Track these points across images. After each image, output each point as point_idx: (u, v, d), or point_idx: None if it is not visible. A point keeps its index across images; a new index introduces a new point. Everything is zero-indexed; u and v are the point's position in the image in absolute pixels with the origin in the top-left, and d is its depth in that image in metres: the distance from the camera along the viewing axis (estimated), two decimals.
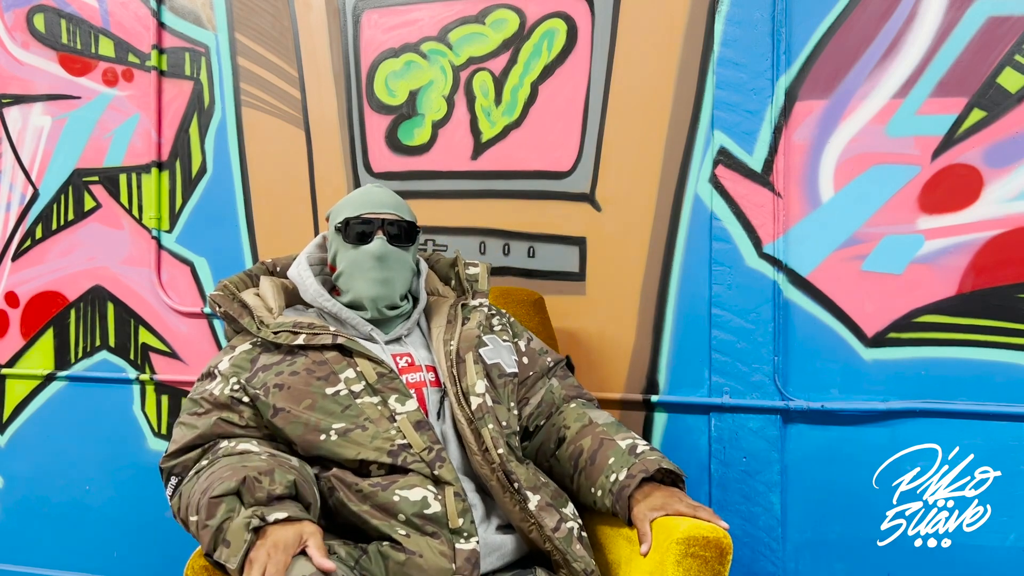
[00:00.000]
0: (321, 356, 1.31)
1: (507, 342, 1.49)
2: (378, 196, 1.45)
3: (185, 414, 1.33)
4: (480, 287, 1.52)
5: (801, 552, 1.76)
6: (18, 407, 2.30)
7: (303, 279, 1.44)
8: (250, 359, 1.34)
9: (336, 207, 1.47)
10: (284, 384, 1.29)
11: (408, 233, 1.44)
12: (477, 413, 1.31)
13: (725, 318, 1.78)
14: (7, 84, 2.28)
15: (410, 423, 1.27)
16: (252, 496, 1.11)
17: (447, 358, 1.37)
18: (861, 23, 1.71)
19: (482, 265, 1.55)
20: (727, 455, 1.78)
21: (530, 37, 1.90)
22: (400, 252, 1.42)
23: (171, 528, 2.16)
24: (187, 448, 1.29)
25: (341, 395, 1.28)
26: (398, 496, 1.21)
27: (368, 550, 1.21)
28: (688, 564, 1.19)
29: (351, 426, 1.26)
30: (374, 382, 1.29)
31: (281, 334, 1.33)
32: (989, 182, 1.65)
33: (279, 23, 2.06)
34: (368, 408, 1.27)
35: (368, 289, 1.39)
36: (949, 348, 1.68)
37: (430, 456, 1.24)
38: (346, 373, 1.30)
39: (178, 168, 2.15)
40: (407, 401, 1.29)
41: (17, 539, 2.31)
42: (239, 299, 1.40)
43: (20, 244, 2.28)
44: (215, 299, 1.40)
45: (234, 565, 1.06)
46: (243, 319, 1.38)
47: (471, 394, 1.33)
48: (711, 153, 1.79)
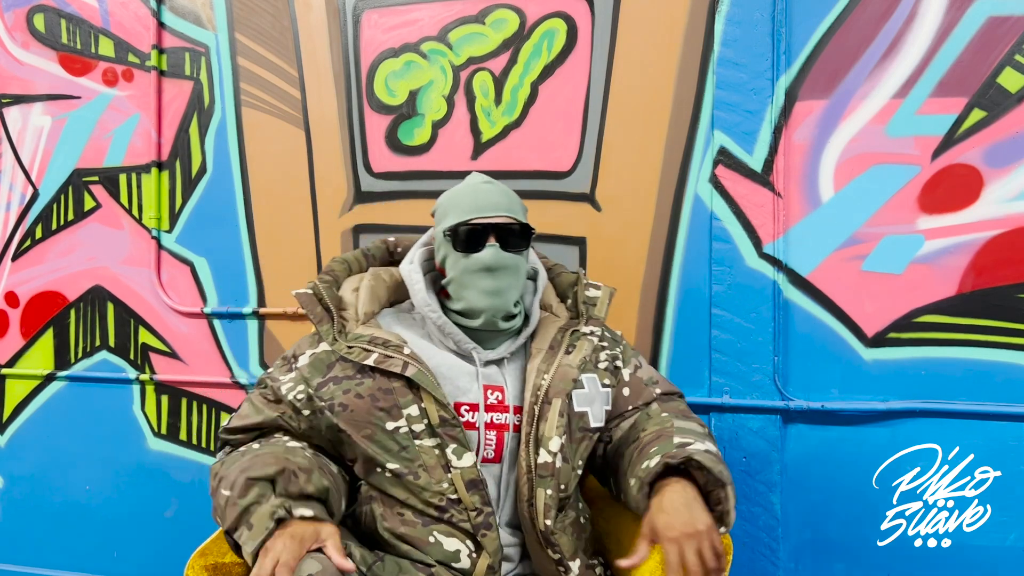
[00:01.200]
0: (388, 383, 1.25)
1: (607, 388, 1.37)
2: (488, 196, 1.35)
3: (258, 391, 1.34)
4: (596, 312, 1.43)
5: (801, 552, 1.76)
6: (18, 407, 2.30)
7: (413, 283, 1.37)
8: (327, 363, 1.31)
9: (442, 204, 1.38)
10: (348, 406, 1.26)
11: (522, 236, 1.34)
12: (540, 470, 1.24)
13: (725, 318, 1.78)
14: (7, 84, 2.28)
15: (463, 480, 1.22)
16: (285, 488, 1.13)
17: (534, 393, 1.28)
18: (861, 23, 1.71)
19: (605, 289, 1.46)
20: (727, 455, 1.78)
21: (530, 37, 1.90)
22: (514, 258, 1.32)
23: (171, 528, 2.17)
24: (247, 430, 1.31)
25: (400, 433, 1.24)
26: (434, 538, 1.22)
27: (384, 558, 1.22)
28: None
29: (405, 470, 1.23)
30: (436, 425, 1.24)
31: (354, 350, 1.28)
32: (989, 182, 1.65)
33: (279, 23, 2.06)
34: (425, 453, 1.23)
35: (480, 300, 1.31)
36: (949, 348, 1.68)
37: (478, 519, 1.22)
38: (409, 410, 1.24)
39: (178, 168, 2.15)
40: (464, 455, 1.23)
41: (17, 539, 2.30)
42: (324, 302, 1.35)
43: (20, 244, 2.28)
44: (300, 300, 1.36)
45: (250, 549, 1.07)
46: (322, 326, 1.33)
47: (543, 446, 1.25)
48: (711, 153, 1.79)
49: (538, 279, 1.45)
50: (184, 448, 2.15)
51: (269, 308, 2.07)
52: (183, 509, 2.16)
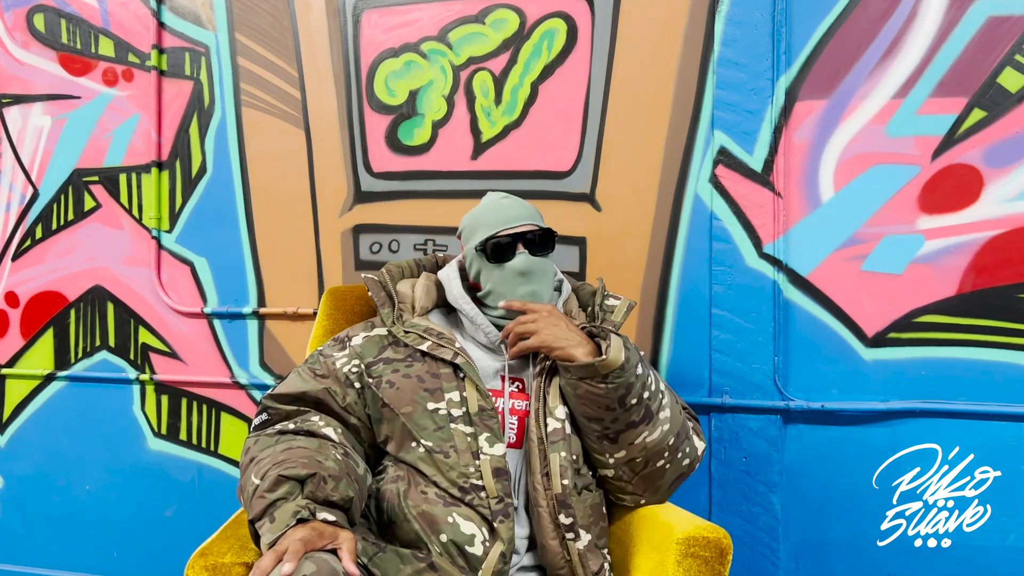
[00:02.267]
0: (436, 368, 1.36)
1: None
2: (510, 209, 1.46)
3: (306, 364, 1.42)
4: (613, 318, 1.49)
5: (801, 552, 1.76)
6: (18, 407, 2.30)
7: (449, 280, 1.50)
8: (380, 345, 1.42)
9: (468, 225, 1.49)
10: (396, 383, 1.36)
11: (546, 240, 1.46)
12: (552, 436, 1.32)
13: (725, 318, 1.78)
14: (7, 84, 2.28)
15: (491, 467, 1.29)
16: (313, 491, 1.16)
17: (541, 373, 1.38)
18: (861, 23, 1.71)
19: (624, 300, 1.52)
20: (727, 455, 1.78)
21: (530, 37, 1.90)
22: (543, 261, 1.45)
23: (171, 528, 2.17)
24: (290, 398, 1.37)
25: (439, 414, 1.33)
26: (452, 519, 1.26)
27: (386, 549, 1.23)
28: (688, 564, 1.19)
29: (437, 448, 1.31)
30: (474, 413, 1.32)
31: (410, 335, 1.41)
32: (989, 182, 1.65)
33: (279, 23, 2.06)
34: (458, 436, 1.31)
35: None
36: (949, 348, 1.68)
37: (498, 506, 1.27)
38: (451, 395, 1.34)
39: (178, 168, 2.15)
40: (495, 444, 1.31)
41: (17, 539, 2.31)
42: (388, 289, 1.49)
43: (20, 244, 2.28)
44: (367, 283, 1.50)
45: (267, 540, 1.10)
46: (384, 308, 1.46)
47: (550, 415, 1.34)
48: (711, 153, 1.79)
49: (563, 289, 1.55)
50: (184, 448, 2.15)
51: (269, 308, 2.07)
52: (183, 509, 2.16)
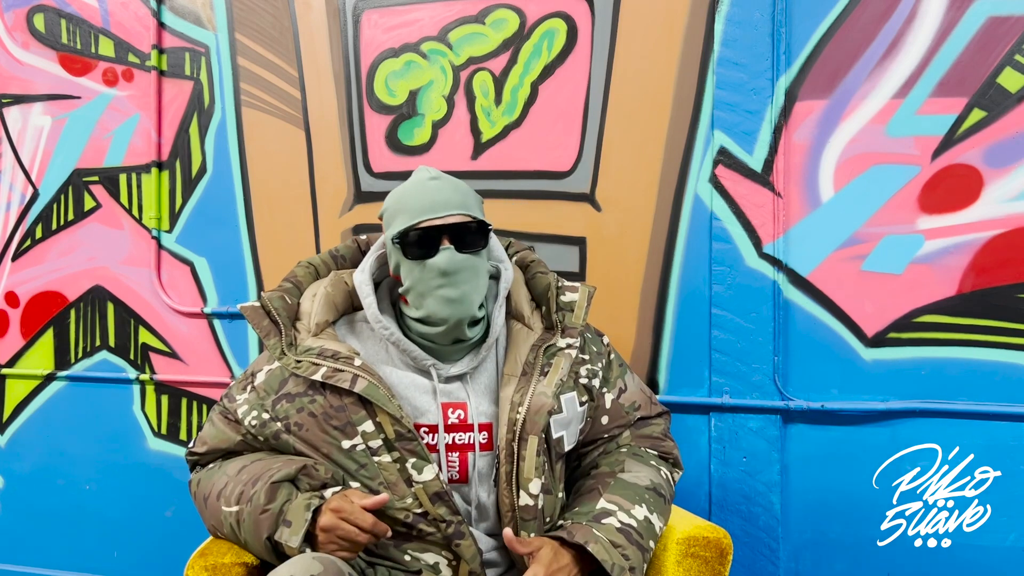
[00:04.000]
0: (340, 400, 1.20)
1: (584, 405, 1.31)
2: (438, 193, 1.23)
3: (218, 414, 1.32)
4: (573, 320, 1.30)
5: (801, 552, 1.76)
6: (18, 407, 2.30)
7: (364, 296, 1.28)
8: (280, 379, 1.26)
9: (389, 207, 1.27)
10: (303, 424, 1.22)
11: (478, 234, 1.24)
12: (523, 514, 1.20)
13: (725, 318, 1.78)
14: (7, 84, 2.28)
15: (427, 494, 1.17)
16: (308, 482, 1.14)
17: (510, 430, 1.20)
18: (861, 23, 1.71)
19: (583, 290, 1.33)
20: (727, 455, 1.78)
21: (530, 37, 1.90)
22: (471, 259, 1.22)
23: (171, 528, 2.17)
24: (213, 453, 1.33)
25: (357, 451, 1.20)
26: (409, 556, 1.20)
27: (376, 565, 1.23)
28: (688, 564, 1.19)
29: (369, 489, 1.20)
30: (393, 439, 1.18)
31: (303, 364, 1.21)
32: (989, 182, 1.65)
33: (279, 23, 2.06)
34: (386, 469, 1.19)
35: (442, 310, 1.21)
36: (949, 348, 1.68)
37: (449, 530, 1.18)
38: (364, 426, 1.19)
39: (178, 168, 2.15)
40: (424, 468, 1.18)
41: (17, 539, 2.30)
42: (273, 315, 1.26)
43: (20, 244, 2.28)
44: (246, 313, 1.27)
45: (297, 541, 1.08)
46: (269, 340, 1.25)
47: (523, 489, 1.20)
48: (711, 153, 1.79)
49: (501, 279, 1.32)
50: (184, 448, 2.15)
51: None
52: (183, 509, 2.16)
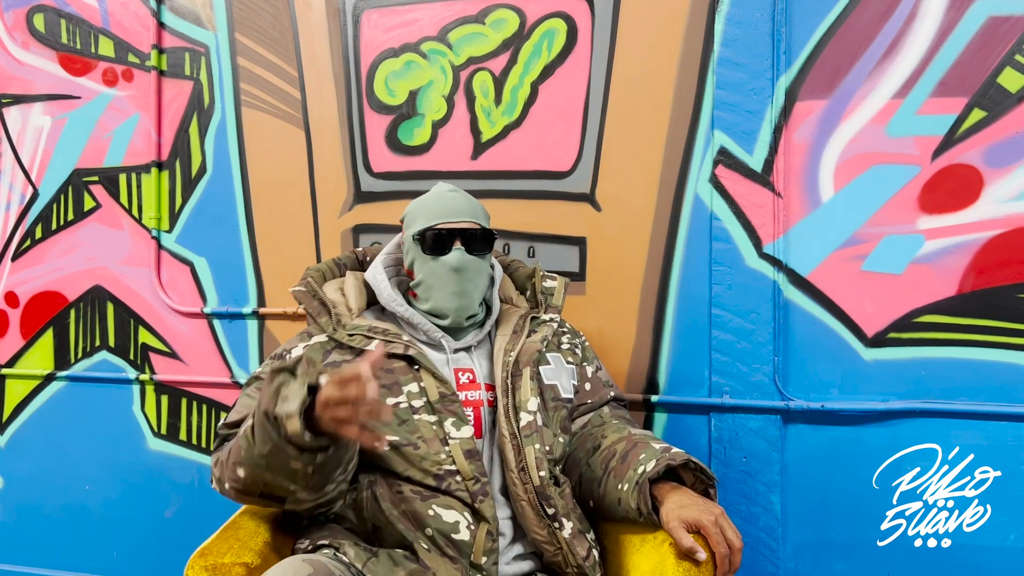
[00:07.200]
0: (389, 364, 1.33)
1: (571, 364, 1.49)
2: (454, 203, 1.44)
3: (251, 388, 1.37)
4: (554, 302, 1.53)
5: (801, 552, 1.76)
6: (18, 407, 2.30)
7: (378, 283, 1.46)
8: (323, 351, 1.38)
9: (411, 212, 1.47)
10: None
11: (485, 240, 1.44)
12: (524, 431, 1.32)
13: (725, 318, 1.78)
14: (7, 84, 2.28)
15: (462, 450, 1.28)
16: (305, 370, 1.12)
17: (504, 368, 1.37)
18: (861, 23, 1.71)
19: (560, 280, 1.56)
20: (727, 455, 1.78)
21: (530, 37, 1.90)
22: (478, 261, 1.43)
23: (171, 528, 2.17)
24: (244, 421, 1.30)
25: (401, 408, 1.30)
26: (433, 511, 1.24)
27: (379, 553, 1.23)
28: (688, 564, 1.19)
29: (404, 442, 1.28)
30: (435, 401, 1.31)
31: (356, 337, 1.37)
32: (989, 182, 1.65)
33: (279, 23, 2.06)
34: (424, 426, 1.29)
35: (448, 302, 1.40)
36: (949, 348, 1.68)
37: (475, 487, 1.27)
38: (409, 387, 1.32)
39: (178, 168, 2.15)
40: (463, 427, 1.30)
41: (17, 539, 2.30)
42: (319, 297, 1.43)
43: (20, 244, 2.28)
44: (297, 296, 1.44)
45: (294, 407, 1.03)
46: (321, 318, 1.41)
47: (522, 409, 1.34)
48: (711, 153, 1.79)
49: (495, 272, 1.54)
50: (184, 448, 2.15)
51: (269, 308, 2.07)
52: (183, 509, 2.16)
